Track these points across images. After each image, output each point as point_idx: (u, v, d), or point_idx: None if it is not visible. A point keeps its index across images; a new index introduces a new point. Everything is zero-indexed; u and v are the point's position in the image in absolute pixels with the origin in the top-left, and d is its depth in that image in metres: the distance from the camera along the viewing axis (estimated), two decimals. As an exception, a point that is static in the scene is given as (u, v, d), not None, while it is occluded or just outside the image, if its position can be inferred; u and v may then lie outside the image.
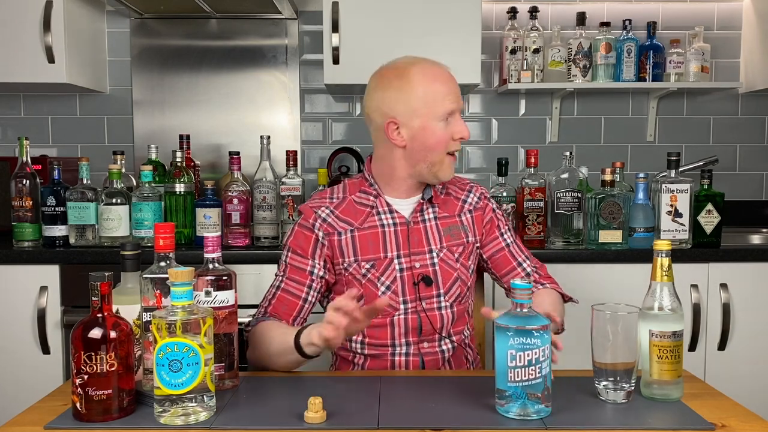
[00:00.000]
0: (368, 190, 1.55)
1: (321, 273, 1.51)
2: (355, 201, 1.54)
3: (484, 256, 1.60)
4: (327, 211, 1.53)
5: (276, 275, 1.54)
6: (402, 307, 1.49)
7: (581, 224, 2.33)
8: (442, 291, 1.51)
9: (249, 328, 1.47)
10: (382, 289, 1.49)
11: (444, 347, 1.52)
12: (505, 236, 1.60)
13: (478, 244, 1.59)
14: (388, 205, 1.53)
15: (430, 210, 1.55)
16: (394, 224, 1.52)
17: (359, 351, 1.52)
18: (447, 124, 1.46)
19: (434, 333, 1.51)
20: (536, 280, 1.60)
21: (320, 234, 1.51)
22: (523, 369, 1.08)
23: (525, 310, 1.11)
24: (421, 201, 1.54)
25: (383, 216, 1.52)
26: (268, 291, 1.53)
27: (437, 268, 1.51)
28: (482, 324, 1.80)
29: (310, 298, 1.51)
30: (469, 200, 1.60)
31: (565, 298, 1.60)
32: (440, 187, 1.59)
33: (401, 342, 1.50)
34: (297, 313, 1.50)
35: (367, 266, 1.49)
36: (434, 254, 1.52)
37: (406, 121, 1.46)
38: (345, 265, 1.50)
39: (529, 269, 1.60)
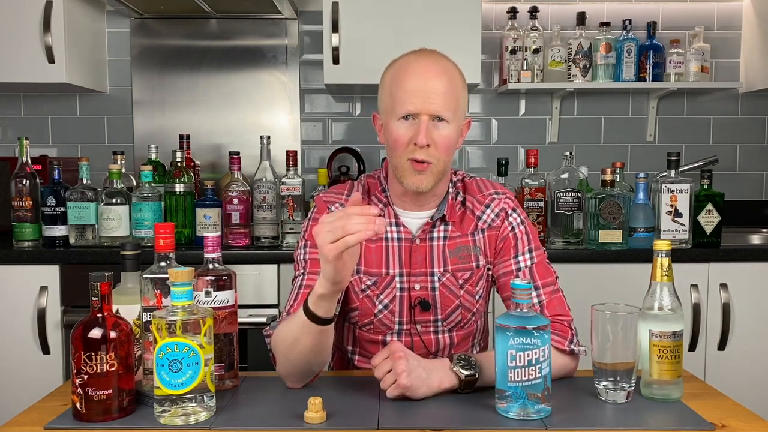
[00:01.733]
0: (380, 197, 1.45)
1: None
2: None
3: (494, 276, 1.45)
4: (339, 207, 1.42)
5: (295, 276, 1.41)
6: (396, 327, 1.42)
7: (581, 224, 2.33)
8: (440, 317, 1.42)
9: (269, 333, 1.33)
10: (380, 306, 1.41)
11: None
12: (519, 259, 1.41)
13: (490, 266, 1.44)
14: (396, 217, 1.42)
15: (441, 228, 1.42)
16: (399, 239, 1.41)
17: (352, 360, 1.50)
18: (411, 124, 1.32)
19: (428, 354, 1.44)
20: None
21: None
22: (523, 369, 1.08)
23: (525, 310, 1.11)
24: (430, 220, 1.41)
25: (389, 228, 1.41)
26: (290, 294, 1.39)
27: (437, 293, 1.40)
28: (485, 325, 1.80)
29: None
30: (484, 217, 1.44)
31: (566, 351, 1.32)
32: (461, 199, 1.45)
33: None
34: None
35: (369, 282, 1.41)
36: (436, 278, 1.40)
37: (381, 115, 1.40)
38: None
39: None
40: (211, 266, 1.24)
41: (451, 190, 1.45)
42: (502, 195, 1.47)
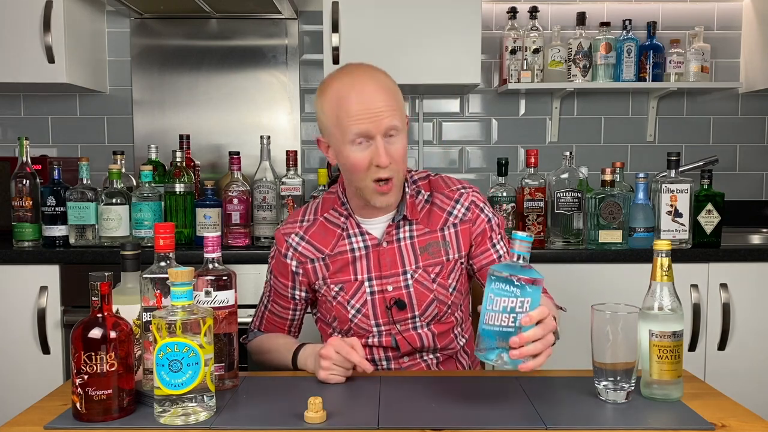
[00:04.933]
0: (340, 210, 1.48)
1: (303, 295, 1.53)
2: (326, 220, 1.49)
3: (474, 267, 1.51)
4: (297, 239, 1.48)
5: (263, 291, 1.59)
6: (375, 330, 1.46)
7: (581, 224, 2.33)
8: (417, 313, 1.45)
9: (247, 340, 1.56)
10: (353, 312, 1.45)
11: (426, 358, 1.50)
12: (498, 247, 1.50)
13: (463, 260, 1.49)
14: (359, 226, 1.46)
15: (407, 228, 1.46)
16: (365, 247, 1.45)
17: None
18: (366, 147, 1.33)
19: (415, 351, 1.49)
20: None
21: (293, 264, 1.49)
22: (497, 314, 1.08)
23: (520, 261, 1.11)
24: (391, 223, 1.45)
25: (354, 239, 1.46)
26: (258, 306, 1.60)
27: (411, 290, 1.44)
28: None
29: (296, 316, 1.57)
30: (455, 212, 1.48)
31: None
32: (425, 194, 1.49)
33: (381, 357, 1.49)
34: (288, 330, 1.58)
35: (336, 289, 1.46)
36: (408, 275, 1.44)
37: (328, 140, 1.40)
38: (316, 287, 1.49)
39: None
40: (211, 266, 1.24)
41: (408, 189, 1.47)
42: (469, 189, 1.51)
